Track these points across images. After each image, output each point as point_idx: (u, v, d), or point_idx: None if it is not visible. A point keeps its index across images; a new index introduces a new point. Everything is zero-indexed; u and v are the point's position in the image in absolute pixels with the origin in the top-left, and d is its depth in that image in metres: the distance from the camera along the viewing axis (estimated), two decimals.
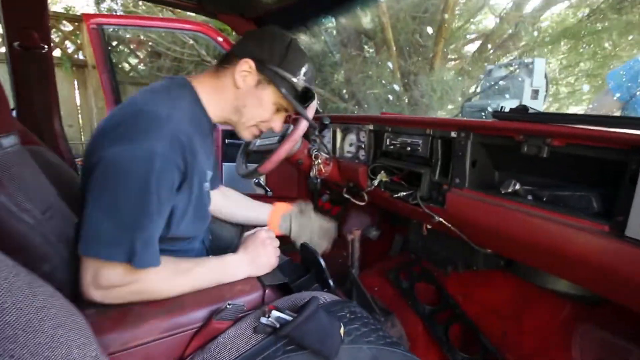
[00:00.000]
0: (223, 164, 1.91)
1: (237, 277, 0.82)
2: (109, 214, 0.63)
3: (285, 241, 1.31)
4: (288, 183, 1.90)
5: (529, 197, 0.79)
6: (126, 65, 4.19)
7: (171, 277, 0.72)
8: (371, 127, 1.20)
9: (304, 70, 0.84)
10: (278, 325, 0.70)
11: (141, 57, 4.23)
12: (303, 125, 1.06)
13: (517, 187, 0.77)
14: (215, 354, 0.68)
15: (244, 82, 0.82)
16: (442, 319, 1.16)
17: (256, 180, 1.86)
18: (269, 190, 1.87)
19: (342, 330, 0.69)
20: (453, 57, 4.19)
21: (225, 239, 1.10)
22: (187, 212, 0.76)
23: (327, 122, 1.15)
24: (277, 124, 0.90)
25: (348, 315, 0.78)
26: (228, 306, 0.71)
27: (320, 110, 1.47)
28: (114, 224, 0.63)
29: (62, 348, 0.47)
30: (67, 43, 3.63)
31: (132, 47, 4.13)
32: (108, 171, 0.64)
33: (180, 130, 0.69)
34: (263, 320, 0.72)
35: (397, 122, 1.08)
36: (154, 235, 0.67)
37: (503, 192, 0.78)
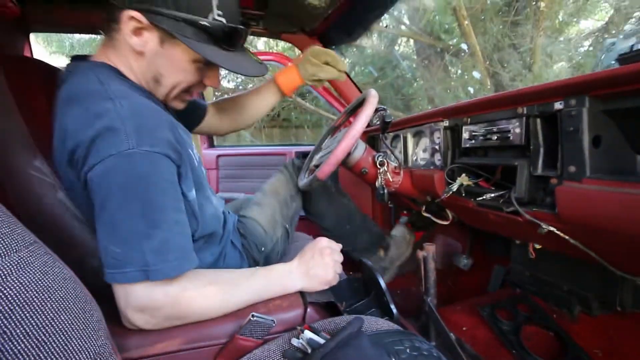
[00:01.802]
0: None
1: (288, 289, 0.69)
2: (112, 233, 0.54)
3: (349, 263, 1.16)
4: (363, 204, 1.74)
5: None
6: None
7: (216, 296, 0.61)
8: (446, 123, 1.00)
9: (215, 1, 0.61)
10: (309, 350, 0.54)
11: None
12: (363, 119, 0.92)
13: None
14: None
15: (144, 45, 0.63)
16: None
17: None
18: None
19: None
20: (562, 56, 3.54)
21: (259, 235, 0.98)
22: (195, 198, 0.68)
23: (389, 120, 1.00)
24: (213, 79, 0.72)
25: (408, 350, 0.57)
26: (252, 318, 0.58)
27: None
28: (119, 241, 0.54)
29: (60, 335, 0.43)
30: None
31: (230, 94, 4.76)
32: (97, 188, 0.54)
33: (141, 109, 0.58)
34: (294, 341, 0.57)
35: (475, 106, 0.86)
36: (169, 238, 0.56)
37: None
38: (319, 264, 0.69)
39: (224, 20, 0.62)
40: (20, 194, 0.58)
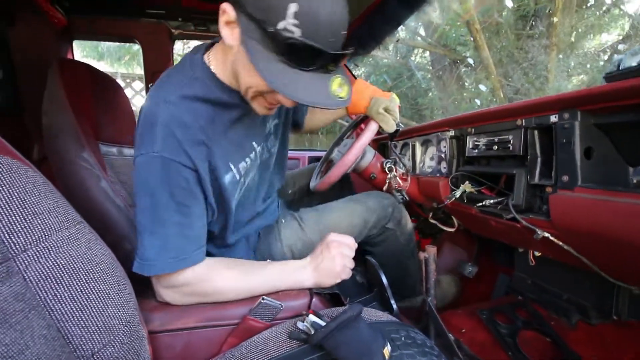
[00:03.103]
0: None
1: (301, 284, 0.73)
2: (139, 223, 0.64)
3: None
4: None
5: None
6: None
7: (233, 279, 0.69)
8: (452, 132, 1.05)
9: (293, 9, 0.51)
10: (312, 332, 0.60)
11: None
12: (366, 136, 0.97)
13: None
14: (246, 353, 0.62)
15: (231, 37, 0.59)
16: None
17: None
18: None
19: (386, 350, 0.54)
20: (578, 71, 3.52)
21: (277, 251, 0.94)
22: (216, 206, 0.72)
23: (398, 128, 1.05)
24: (285, 97, 0.59)
25: (404, 339, 0.61)
26: (262, 301, 0.65)
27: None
28: (141, 233, 0.63)
29: (99, 302, 0.50)
30: None
31: None
32: (133, 179, 0.65)
33: (176, 123, 0.61)
34: (299, 324, 0.63)
35: (479, 117, 0.91)
36: (169, 238, 0.63)
37: (635, 180, 0.53)
38: (327, 257, 0.73)
39: (296, 32, 0.52)
40: (69, 181, 0.67)
